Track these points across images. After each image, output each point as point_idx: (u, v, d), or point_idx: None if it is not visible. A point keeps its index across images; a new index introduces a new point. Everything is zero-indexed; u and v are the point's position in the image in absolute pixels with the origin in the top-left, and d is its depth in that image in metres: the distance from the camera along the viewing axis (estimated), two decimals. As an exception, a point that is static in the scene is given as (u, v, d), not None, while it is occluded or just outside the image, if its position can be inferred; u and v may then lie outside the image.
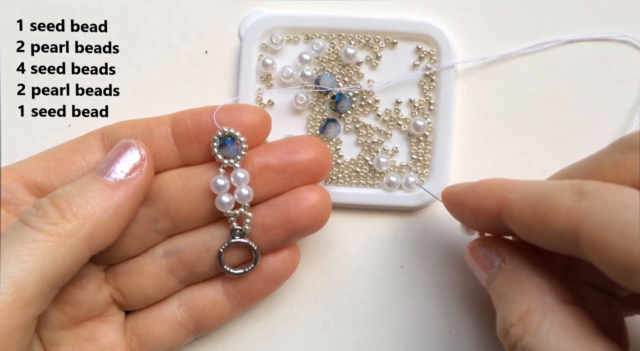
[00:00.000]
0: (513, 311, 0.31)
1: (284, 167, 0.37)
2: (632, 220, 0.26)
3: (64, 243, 0.32)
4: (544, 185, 0.30)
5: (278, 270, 0.39)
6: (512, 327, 0.31)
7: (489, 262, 0.35)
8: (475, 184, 0.35)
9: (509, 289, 0.33)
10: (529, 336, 0.30)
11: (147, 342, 0.39)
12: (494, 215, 0.33)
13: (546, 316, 0.30)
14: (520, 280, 0.33)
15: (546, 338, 0.30)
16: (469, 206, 0.35)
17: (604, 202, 0.27)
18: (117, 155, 0.35)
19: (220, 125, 0.36)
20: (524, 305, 0.31)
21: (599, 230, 0.27)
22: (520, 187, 0.32)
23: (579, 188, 0.28)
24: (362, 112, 0.42)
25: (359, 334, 0.42)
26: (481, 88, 0.42)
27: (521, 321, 0.31)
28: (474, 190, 0.35)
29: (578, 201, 0.28)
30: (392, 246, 0.42)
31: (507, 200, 0.32)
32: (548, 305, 0.31)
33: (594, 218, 0.27)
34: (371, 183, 0.42)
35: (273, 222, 0.37)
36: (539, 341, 0.30)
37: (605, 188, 0.28)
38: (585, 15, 0.42)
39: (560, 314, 0.30)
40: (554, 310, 0.30)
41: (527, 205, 0.30)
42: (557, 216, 0.29)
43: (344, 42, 0.42)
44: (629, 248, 0.26)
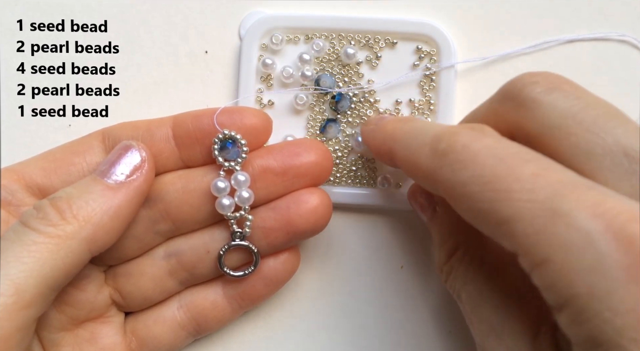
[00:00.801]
0: (444, 250, 0.35)
1: (284, 170, 0.37)
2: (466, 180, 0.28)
3: (64, 245, 0.32)
4: (416, 137, 0.32)
5: (278, 272, 0.39)
6: (443, 265, 0.34)
7: (426, 204, 0.37)
8: (374, 128, 0.37)
9: (441, 230, 0.36)
10: (454, 272, 0.33)
11: (146, 343, 0.39)
12: (389, 161, 0.35)
13: (468, 253, 0.33)
14: (451, 220, 0.35)
15: (465, 273, 0.33)
16: (371, 148, 0.37)
17: (449, 161, 0.29)
18: (118, 157, 0.35)
19: (221, 127, 0.36)
20: (451, 243, 0.34)
21: (447, 189, 0.29)
22: (402, 136, 0.33)
23: (435, 145, 0.30)
24: (362, 112, 0.42)
25: (359, 334, 0.42)
26: (481, 88, 0.42)
27: (450, 259, 0.34)
28: (373, 134, 0.37)
29: (432, 159, 0.30)
30: (392, 246, 0.43)
31: (393, 150, 0.34)
32: (472, 243, 0.33)
33: (442, 178, 0.29)
34: (371, 183, 0.42)
35: (273, 224, 0.37)
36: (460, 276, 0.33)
37: (453, 144, 0.29)
38: (585, 15, 0.42)
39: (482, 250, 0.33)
40: (477, 247, 0.33)
41: (404, 159, 0.33)
42: (420, 173, 0.31)
43: (344, 42, 0.42)
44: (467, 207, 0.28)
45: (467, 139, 0.29)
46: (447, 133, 0.30)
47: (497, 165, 0.27)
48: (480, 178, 0.27)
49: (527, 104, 0.30)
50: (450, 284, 0.34)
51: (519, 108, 0.31)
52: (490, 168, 0.27)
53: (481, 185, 0.27)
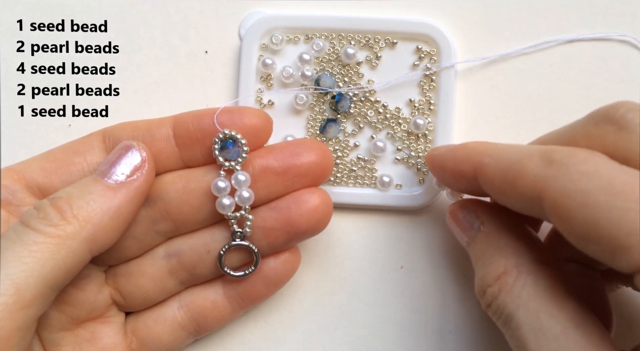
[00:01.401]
0: (490, 272, 0.33)
1: (285, 170, 0.37)
2: (591, 190, 0.27)
3: (65, 245, 0.32)
4: (516, 151, 0.31)
5: (278, 272, 0.39)
6: (488, 287, 0.33)
7: (468, 224, 0.37)
8: (455, 147, 0.36)
9: (486, 250, 0.34)
10: (503, 295, 0.32)
11: (147, 343, 0.39)
12: (470, 178, 0.34)
13: (520, 276, 0.32)
14: (498, 241, 0.34)
15: (518, 297, 0.31)
16: (448, 169, 0.36)
17: (568, 171, 0.28)
18: (118, 157, 0.35)
19: (222, 127, 0.36)
20: (500, 266, 0.33)
21: (560, 198, 0.28)
22: (495, 151, 0.33)
23: (546, 155, 0.29)
24: (362, 111, 0.42)
25: (359, 334, 0.42)
26: (481, 88, 0.42)
27: (497, 282, 0.32)
28: (453, 153, 0.36)
29: (544, 168, 0.29)
30: (392, 246, 0.43)
31: (482, 164, 0.33)
32: (523, 266, 0.32)
33: (557, 187, 0.28)
34: (371, 183, 0.42)
35: (274, 224, 0.37)
36: (512, 300, 0.31)
37: (572, 156, 0.28)
38: (585, 15, 0.42)
39: (534, 274, 0.32)
40: (529, 271, 0.32)
41: (499, 170, 0.32)
42: (524, 182, 0.30)
43: (344, 42, 0.42)
44: (587, 218, 0.27)
45: (586, 153, 0.28)
46: (562, 147, 0.29)
47: (629, 178, 0.27)
48: (611, 188, 0.27)
49: (632, 128, 0.30)
50: (495, 309, 0.33)
51: (621, 132, 0.30)
52: (621, 180, 0.27)
53: (612, 194, 0.26)
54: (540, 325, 0.30)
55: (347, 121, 0.42)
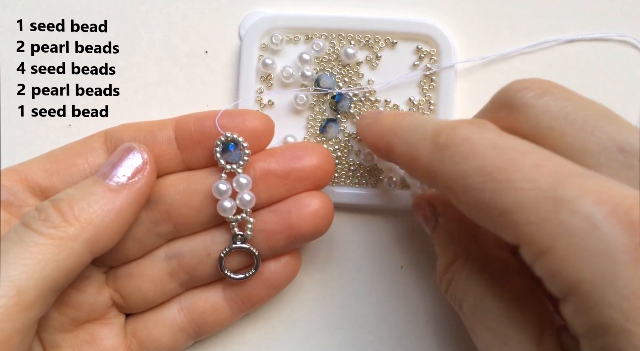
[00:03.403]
0: (444, 260, 0.35)
1: (286, 173, 0.37)
2: (468, 172, 0.28)
3: (66, 247, 0.32)
4: (415, 131, 0.32)
5: (279, 275, 0.39)
6: (443, 275, 0.34)
7: (428, 217, 0.38)
8: (372, 121, 0.37)
9: (442, 240, 0.36)
10: (454, 282, 0.33)
11: (147, 345, 0.39)
12: (387, 155, 0.35)
13: (468, 261, 0.33)
14: (451, 231, 0.36)
15: (466, 282, 0.33)
16: (368, 143, 0.37)
17: (450, 154, 0.29)
18: (120, 159, 0.35)
19: (224, 130, 0.36)
20: (451, 253, 0.34)
21: (447, 182, 0.29)
22: (401, 131, 0.33)
23: (434, 138, 0.30)
24: (362, 111, 0.42)
25: (359, 334, 0.42)
26: (481, 88, 0.42)
27: (449, 269, 0.34)
28: (370, 128, 0.37)
29: (432, 152, 0.30)
30: (392, 246, 0.43)
31: (391, 144, 0.34)
32: (472, 252, 0.33)
33: (443, 172, 0.29)
34: (371, 183, 0.42)
35: (275, 227, 0.37)
36: (461, 285, 0.33)
37: (454, 137, 0.29)
38: (585, 15, 0.42)
39: (482, 259, 0.33)
40: (476, 256, 0.33)
41: (403, 153, 0.33)
42: (420, 167, 0.31)
43: (344, 42, 0.42)
44: (469, 200, 0.28)
45: (467, 132, 0.29)
46: (447, 127, 0.30)
47: (498, 156, 0.27)
48: (482, 169, 0.27)
49: (520, 109, 0.31)
50: (451, 294, 0.34)
51: (512, 113, 0.31)
52: (491, 160, 0.27)
53: (483, 176, 0.27)
54: (484, 306, 0.31)
55: (347, 121, 0.42)
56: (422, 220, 0.38)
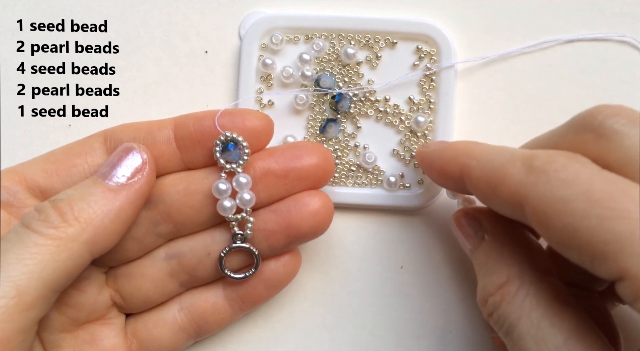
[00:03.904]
0: (492, 281, 0.33)
1: (286, 173, 0.37)
2: (569, 197, 0.27)
3: (66, 247, 0.32)
4: (500, 155, 0.31)
5: (279, 275, 0.39)
6: (490, 297, 0.33)
7: (472, 232, 0.37)
8: (443, 146, 0.36)
9: (489, 259, 0.34)
10: (505, 305, 0.32)
11: (147, 346, 0.39)
12: (457, 179, 0.34)
13: (522, 286, 0.32)
14: (501, 251, 0.34)
15: (520, 307, 0.31)
16: (435, 168, 0.36)
17: (548, 178, 0.28)
18: (119, 159, 0.35)
19: (223, 129, 0.36)
20: (503, 275, 0.33)
21: (540, 206, 0.28)
22: (480, 154, 0.33)
23: (528, 161, 0.29)
24: (362, 111, 0.42)
25: (359, 334, 0.42)
26: (481, 88, 0.42)
27: (499, 291, 0.32)
28: (441, 153, 0.36)
29: (525, 175, 0.29)
30: (392, 246, 0.43)
31: (468, 167, 0.33)
32: (526, 275, 0.32)
33: (536, 194, 0.28)
34: (371, 183, 0.42)
35: (274, 227, 0.37)
36: (513, 309, 0.31)
37: (552, 162, 0.29)
38: (585, 15, 0.42)
39: (537, 284, 0.31)
40: (531, 280, 0.32)
41: (484, 174, 0.32)
42: (506, 188, 0.30)
43: (344, 42, 0.42)
44: (565, 225, 0.27)
45: (566, 159, 0.28)
46: (542, 153, 0.29)
47: (607, 185, 0.27)
48: (589, 195, 0.26)
49: (611, 136, 0.30)
50: (498, 318, 0.32)
51: (601, 139, 0.30)
52: (600, 187, 0.27)
53: (590, 202, 0.26)
54: (542, 336, 0.30)
55: (347, 121, 0.42)
56: (462, 235, 0.37)
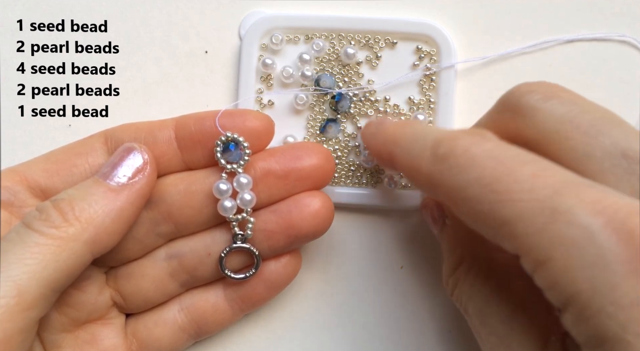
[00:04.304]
0: (450, 262, 0.35)
1: (286, 173, 0.37)
2: (466, 184, 0.28)
3: (67, 247, 0.32)
4: (417, 140, 0.32)
5: (279, 275, 0.39)
6: (449, 277, 0.34)
7: (436, 218, 0.38)
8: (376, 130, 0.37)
9: (449, 242, 0.36)
10: (460, 284, 0.33)
11: (147, 345, 0.39)
12: (389, 164, 0.35)
13: (473, 265, 0.33)
14: (458, 233, 0.36)
15: (472, 285, 0.33)
16: (372, 152, 0.38)
17: (449, 166, 0.29)
18: (120, 159, 0.35)
19: (224, 129, 0.36)
20: (457, 257, 0.34)
21: (447, 194, 0.29)
22: (403, 141, 0.33)
23: (435, 149, 0.30)
24: (362, 111, 0.42)
25: (359, 334, 0.42)
26: (481, 88, 0.42)
27: (455, 272, 0.34)
28: (374, 137, 0.37)
29: (433, 164, 0.30)
30: (392, 246, 0.43)
31: (394, 154, 0.34)
32: (477, 256, 0.33)
33: (442, 183, 0.29)
34: (371, 183, 0.42)
35: (275, 227, 0.37)
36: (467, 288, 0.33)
37: (454, 147, 0.29)
38: (585, 15, 0.42)
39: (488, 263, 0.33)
40: (482, 258, 0.33)
41: (405, 164, 0.33)
42: (421, 178, 0.31)
43: (344, 42, 0.42)
44: (469, 210, 0.28)
45: (466, 143, 0.29)
46: (447, 138, 0.30)
47: (497, 168, 0.27)
48: (480, 181, 0.27)
49: (526, 112, 0.31)
50: (457, 297, 0.34)
51: (517, 116, 0.31)
52: (489, 171, 0.27)
53: (481, 187, 0.27)
54: (489, 310, 0.31)
55: (347, 121, 0.42)
56: (429, 220, 0.39)
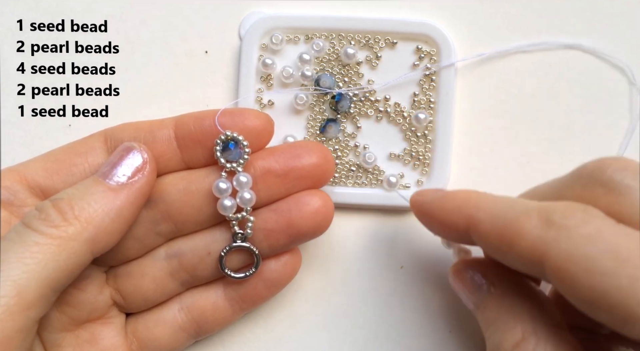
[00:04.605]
0: (507, 339, 0.31)
1: (286, 172, 0.37)
2: (596, 255, 0.26)
3: (66, 247, 0.32)
4: (512, 207, 0.30)
5: (279, 274, 0.39)
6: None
7: (476, 285, 0.35)
8: (443, 196, 0.34)
9: (500, 315, 0.33)
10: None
11: (147, 345, 0.39)
12: (462, 231, 0.33)
13: (539, 343, 0.30)
14: (512, 304, 0.32)
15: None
16: (436, 219, 0.35)
17: (570, 234, 0.27)
18: (120, 159, 0.35)
19: (223, 128, 0.36)
20: (518, 332, 0.31)
21: (563, 263, 0.27)
22: (488, 205, 0.31)
23: (546, 215, 0.28)
24: (362, 111, 0.42)
25: (359, 334, 0.42)
26: (481, 88, 0.42)
27: (516, 349, 0.30)
28: (441, 203, 0.34)
29: (544, 230, 0.28)
30: (392, 246, 0.43)
31: (475, 219, 0.32)
32: (541, 332, 0.31)
33: (559, 251, 0.27)
34: (371, 183, 0.42)
35: (275, 226, 0.37)
36: None
37: (572, 217, 0.28)
38: (585, 15, 0.42)
39: (552, 341, 0.30)
40: (547, 337, 0.30)
41: (495, 228, 0.30)
42: (523, 243, 0.29)
43: (344, 42, 0.42)
44: (593, 284, 0.26)
45: (584, 213, 0.28)
46: (558, 206, 0.29)
47: (632, 243, 0.26)
48: (616, 254, 0.26)
49: (622, 190, 0.29)
50: None
51: (611, 193, 0.29)
52: (625, 245, 0.26)
53: (618, 261, 0.26)
54: None
55: (347, 121, 0.42)
56: (465, 288, 0.36)
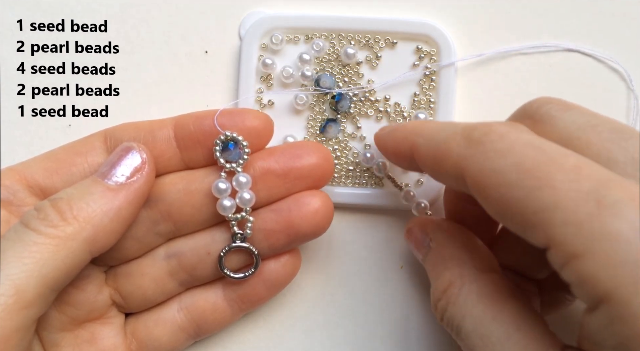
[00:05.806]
0: (438, 285, 0.34)
1: (286, 172, 0.37)
2: (503, 168, 0.27)
3: (65, 246, 0.32)
4: (444, 129, 0.32)
5: (279, 274, 0.39)
6: (438, 301, 0.34)
7: (420, 242, 0.38)
8: (395, 128, 0.37)
9: (435, 265, 0.36)
10: (451, 307, 0.32)
11: (146, 345, 0.39)
12: (408, 157, 0.35)
13: (464, 286, 0.32)
14: (444, 256, 0.35)
15: (463, 306, 0.32)
16: (389, 148, 0.37)
17: (484, 149, 0.29)
18: (119, 159, 0.35)
19: (223, 129, 0.36)
20: (446, 279, 0.34)
21: (478, 177, 0.29)
22: (427, 131, 0.33)
23: (467, 134, 0.30)
24: (362, 111, 0.42)
25: (359, 334, 0.42)
26: (481, 88, 0.42)
27: (445, 294, 0.33)
28: (393, 133, 0.36)
29: (465, 147, 0.30)
30: (392, 246, 0.43)
31: (416, 144, 0.34)
32: (466, 276, 0.33)
33: (474, 166, 0.29)
34: (371, 183, 0.42)
35: (274, 226, 0.37)
36: (458, 310, 0.32)
37: (490, 133, 0.29)
38: (585, 16, 0.42)
39: (477, 282, 0.32)
40: (471, 280, 0.33)
41: (430, 150, 0.32)
42: (449, 161, 0.31)
43: (344, 42, 0.42)
44: (501, 196, 0.27)
45: (503, 130, 0.29)
46: (481, 124, 0.30)
47: (538, 155, 0.27)
48: (520, 166, 0.27)
49: (546, 120, 0.31)
50: (447, 321, 0.33)
51: (537, 124, 0.31)
52: (530, 157, 0.27)
53: (521, 172, 0.27)
54: (484, 331, 0.30)
55: (347, 121, 0.42)
56: (414, 245, 0.39)
